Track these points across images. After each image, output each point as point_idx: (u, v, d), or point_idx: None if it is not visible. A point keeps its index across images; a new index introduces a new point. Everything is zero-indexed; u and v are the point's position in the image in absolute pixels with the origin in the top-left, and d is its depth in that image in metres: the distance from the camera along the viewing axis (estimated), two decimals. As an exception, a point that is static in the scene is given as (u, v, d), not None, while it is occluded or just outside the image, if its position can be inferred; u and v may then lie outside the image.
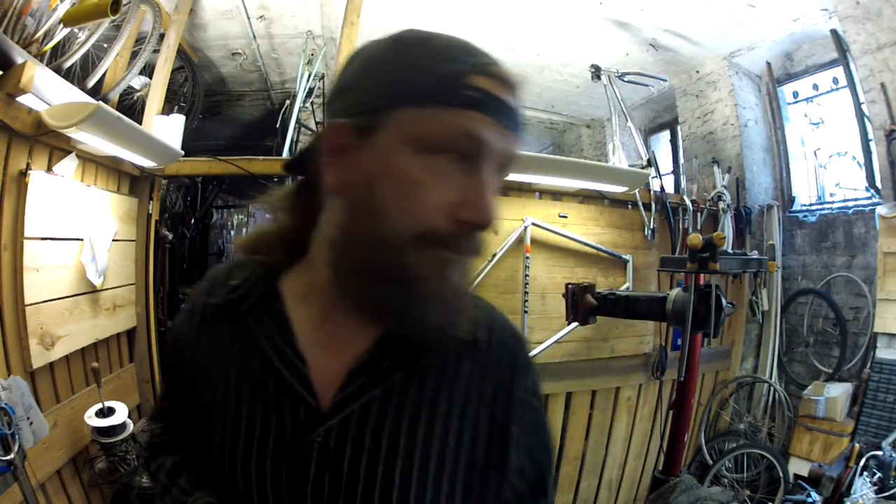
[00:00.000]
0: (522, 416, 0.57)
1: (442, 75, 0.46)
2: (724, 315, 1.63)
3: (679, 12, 3.28)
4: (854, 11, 2.93)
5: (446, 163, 0.47)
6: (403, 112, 0.47)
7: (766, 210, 3.63)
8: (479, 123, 0.46)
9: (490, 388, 0.56)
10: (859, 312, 3.15)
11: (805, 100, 3.73)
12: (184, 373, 0.60)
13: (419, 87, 0.47)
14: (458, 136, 0.46)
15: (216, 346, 0.56)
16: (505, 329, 0.62)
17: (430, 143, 0.46)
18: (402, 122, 0.47)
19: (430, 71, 0.47)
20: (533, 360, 0.66)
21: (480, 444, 0.54)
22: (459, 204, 0.47)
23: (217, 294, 0.57)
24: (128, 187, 2.45)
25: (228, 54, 3.86)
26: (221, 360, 0.55)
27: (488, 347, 0.57)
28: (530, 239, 2.65)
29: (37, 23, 1.84)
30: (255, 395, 0.52)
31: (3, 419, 1.41)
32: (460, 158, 0.47)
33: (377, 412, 0.51)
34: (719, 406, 3.44)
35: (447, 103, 0.46)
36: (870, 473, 2.37)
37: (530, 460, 0.57)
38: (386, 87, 0.48)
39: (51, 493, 1.74)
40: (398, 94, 0.47)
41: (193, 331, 0.58)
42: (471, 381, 0.55)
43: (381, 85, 0.48)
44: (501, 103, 0.48)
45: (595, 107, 4.92)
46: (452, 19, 3.47)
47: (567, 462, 2.90)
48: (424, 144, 0.46)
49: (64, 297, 1.86)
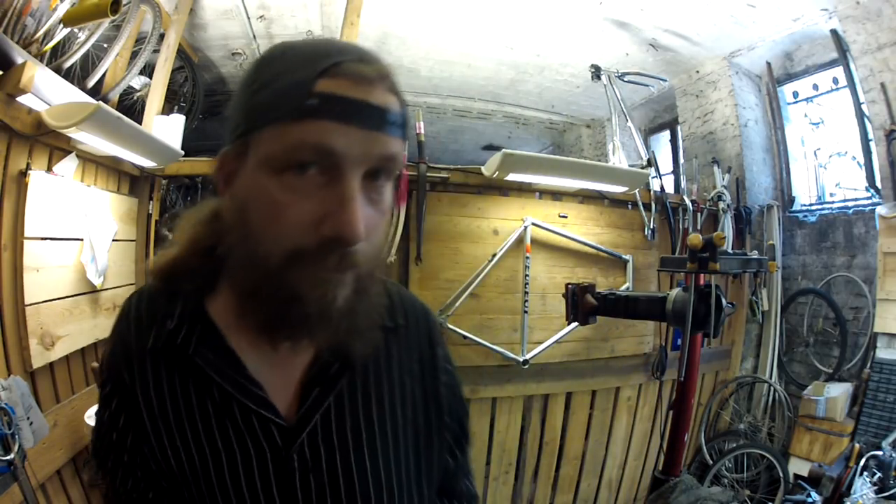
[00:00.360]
0: (443, 381, 0.66)
1: (285, 88, 0.45)
2: (724, 315, 1.63)
3: (679, 12, 3.28)
4: (854, 11, 2.93)
5: (309, 178, 0.45)
6: (260, 133, 0.46)
7: (766, 210, 3.63)
8: (325, 131, 0.44)
9: (416, 365, 0.64)
10: (859, 312, 3.15)
11: (805, 100, 3.73)
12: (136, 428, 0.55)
13: (268, 104, 0.46)
14: (302, 150, 0.44)
15: (168, 394, 0.54)
16: (416, 309, 0.67)
17: (282, 162, 0.45)
18: (259, 144, 0.46)
19: (279, 82, 0.46)
20: (440, 330, 0.72)
21: (420, 413, 0.62)
22: (321, 219, 0.45)
23: (149, 335, 0.55)
24: (128, 187, 2.45)
25: (228, 54, 3.86)
26: (178, 406, 0.54)
27: (406, 330, 0.64)
28: (530, 239, 2.65)
29: (37, 23, 1.84)
30: (223, 430, 0.53)
31: (3, 419, 1.41)
32: (321, 172, 0.45)
33: (336, 414, 0.57)
34: (719, 406, 3.44)
35: (290, 117, 0.44)
36: (870, 473, 2.37)
37: (451, 415, 0.66)
38: (247, 109, 0.48)
39: (51, 493, 1.74)
40: (255, 115, 0.47)
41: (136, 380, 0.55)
42: (400, 362, 0.62)
43: (244, 108, 0.48)
44: (351, 103, 0.44)
45: (595, 107, 4.92)
46: (452, 19, 3.47)
47: (567, 462, 2.90)
48: (277, 164, 0.45)
49: (64, 297, 1.86)
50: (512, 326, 2.62)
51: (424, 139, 2.56)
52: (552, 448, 2.84)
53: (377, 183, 0.48)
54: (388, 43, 3.83)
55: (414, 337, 0.65)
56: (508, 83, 4.55)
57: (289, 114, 0.44)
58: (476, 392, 2.57)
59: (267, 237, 0.47)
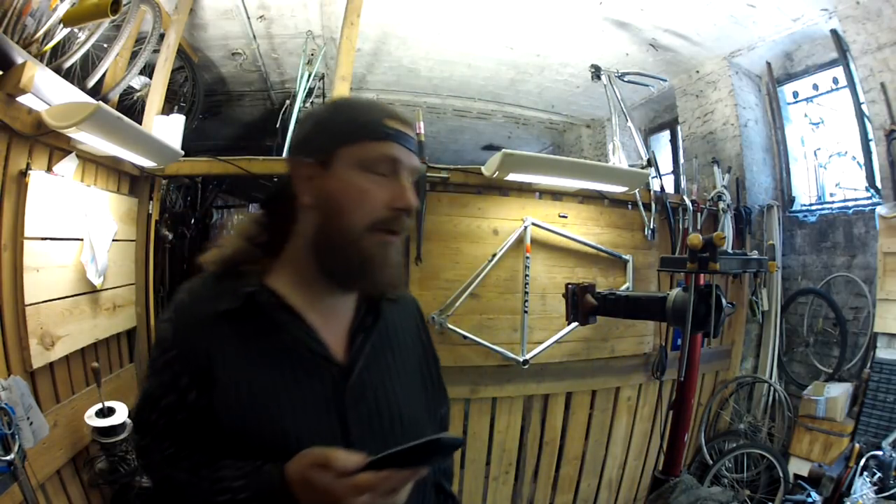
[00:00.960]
0: (429, 343, 0.91)
1: (368, 121, 0.72)
2: (724, 315, 1.63)
3: (679, 12, 3.28)
4: (854, 11, 2.93)
5: (379, 176, 0.71)
6: (348, 148, 0.71)
7: (766, 210, 3.63)
8: (394, 149, 0.72)
9: (413, 326, 0.88)
10: (859, 312, 3.15)
11: (805, 100, 3.73)
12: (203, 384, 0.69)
13: (355, 131, 0.72)
14: (383, 158, 0.71)
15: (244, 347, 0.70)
16: (407, 296, 0.93)
17: (368, 164, 0.71)
18: (349, 154, 0.71)
19: (360, 120, 0.72)
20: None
21: (422, 360, 0.87)
22: (392, 199, 0.71)
23: (221, 303, 0.71)
24: (128, 187, 2.45)
25: (228, 54, 3.86)
26: (253, 356, 0.70)
27: (403, 302, 0.88)
28: (530, 239, 2.65)
29: (37, 23, 1.84)
30: (295, 370, 0.70)
31: (3, 419, 1.41)
32: (388, 173, 0.72)
33: (373, 357, 0.76)
34: (719, 406, 3.44)
35: (374, 138, 0.71)
36: (870, 473, 2.37)
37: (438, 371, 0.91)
38: (334, 135, 0.72)
39: (51, 493, 1.74)
40: (342, 138, 0.72)
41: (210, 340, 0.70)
42: (403, 325, 0.85)
43: (331, 134, 0.73)
44: (405, 135, 0.73)
45: (595, 107, 4.92)
46: (452, 19, 3.47)
47: (567, 462, 2.90)
48: (365, 165, 0.71)
49: (64, 297, 1.86)
50: (512, 326, 2.62)
51: (424, 139, 2.55)
52: (552, 448, 2.84)
53: (412, 183, 0.75)
54: (388, 43, 3.84)
55: (407, 309, 0.89)
56: (508, 83, 4.55)
57: (374, 136, 0.71)
58: (476, 392, 2.57)
59: (355, 213, 0.70)
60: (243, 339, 0.70)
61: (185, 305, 0.73)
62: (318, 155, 0.72)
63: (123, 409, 1.93)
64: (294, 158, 0.74)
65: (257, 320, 0.70)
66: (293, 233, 0.76)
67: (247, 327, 0.70)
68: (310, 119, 0.78)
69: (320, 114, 0.77)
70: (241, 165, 2.58)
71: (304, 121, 0.79)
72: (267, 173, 2.61)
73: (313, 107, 0.79)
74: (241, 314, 0.70)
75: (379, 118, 0.72)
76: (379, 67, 4.27)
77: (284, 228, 0.76)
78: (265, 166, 2.62)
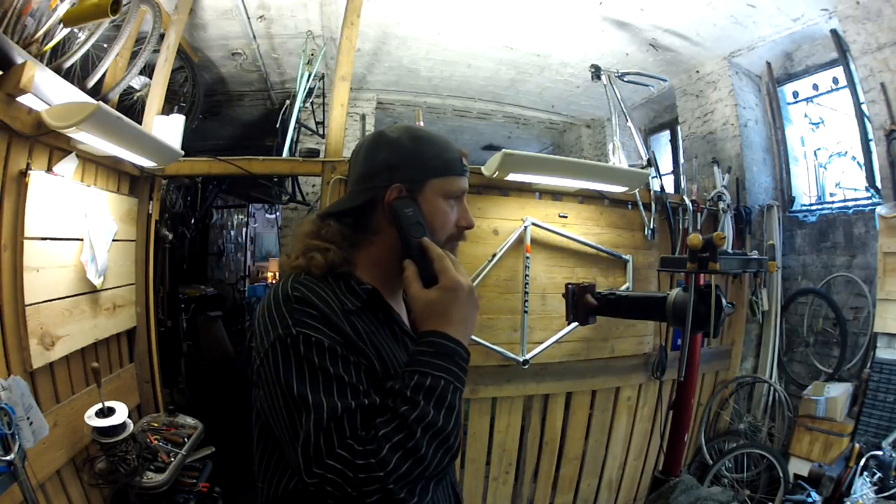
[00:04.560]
0: None
1: (452, 159, 0.88)
2: (724, 315, 1.62)
3: (679, 12, 3.28)
4: (854, 11, 2.93)
5: (453, 201, 0.88)
6: (438, 180, 0.86)
7: (766, 210, 3.63)
8: (465, 182, 0.90)
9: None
10: (859, 312, 3.15)
11: (805, 100, 3.73)
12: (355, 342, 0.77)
13: (444, 166, 0.87)
14: (461, 190, 0.89)
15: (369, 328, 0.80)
16: None
17: (451, 194, 0.87)
18: (438, 185, 0.86)
19: (446, 157, 0.87)
20: None
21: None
22: (459, 219, 0.90)
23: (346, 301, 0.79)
24: (128, 187, 2.45)
25: (228, 54, 3.86)
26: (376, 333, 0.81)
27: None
28: (530, 239, 2.65)
29: (37, 23, 1.84)
30: (401, 345, 0.85)
31: (3, 419, 1.41)
32: (458, 198, 0.89)
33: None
34: (719, 406, 3.44)
35: (457, 174, 0.88)
36: (870, 473, 2.37)
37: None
38: (426, 168, 0.86)
39: (51, 493, 1.74)
40: (433, 172, 0.86)
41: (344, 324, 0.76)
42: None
43: (422, 167, 0.86)
44: (467, 169, 0.91)
45: (595, 107, 4.92)
46: (452, 19, 3.47)
47: (567, 462, 2.90)
48: (448, 195, 0.87)
49: (64, 297, 1.86)
50: (512, 326, 2.62)
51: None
52: (552, 448, 2.84)
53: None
54: (388, 43, 3.84)
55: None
56: (508, 83, 4.55)
57: (457, 172, 0.88)
58: (476, 392, 2.57)
59: (439, 232, 0.86)
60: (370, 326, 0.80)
61: (319, 305, 0.75)
62: (409, 183, 0.84)
63: (123, 410, 1.93)
64: (383, 182, 0.84)
65: (374, 311, 0.83)
66: (369, 241, 0.87)
67: (365, 317, 0.80)
68: (391, 146, 0.87)
69: (405, 144, 0.86)
70: (241, 165, 2.58)
71: (381, 146, 0.88)
72: (267, 173, 2.61)
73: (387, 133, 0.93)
74: (367, 306, 0.81)
75: (458, 157, 0.88)
76: (379, 67, 4.27)
77: (363, 236, 0.88)
78: (265, 166, 2.62)
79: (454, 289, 0.77)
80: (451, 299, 0.76)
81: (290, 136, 3.45)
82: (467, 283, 0.79)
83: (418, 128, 0.91)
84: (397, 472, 0.63)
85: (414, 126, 0.92)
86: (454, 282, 0.77)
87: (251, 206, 8.92)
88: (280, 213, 6.94)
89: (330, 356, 0.70)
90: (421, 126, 0.92)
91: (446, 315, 0.76)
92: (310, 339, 0.70)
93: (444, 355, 0.73)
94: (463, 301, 0.77)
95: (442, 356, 0.73)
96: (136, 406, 2.43)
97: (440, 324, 0.75)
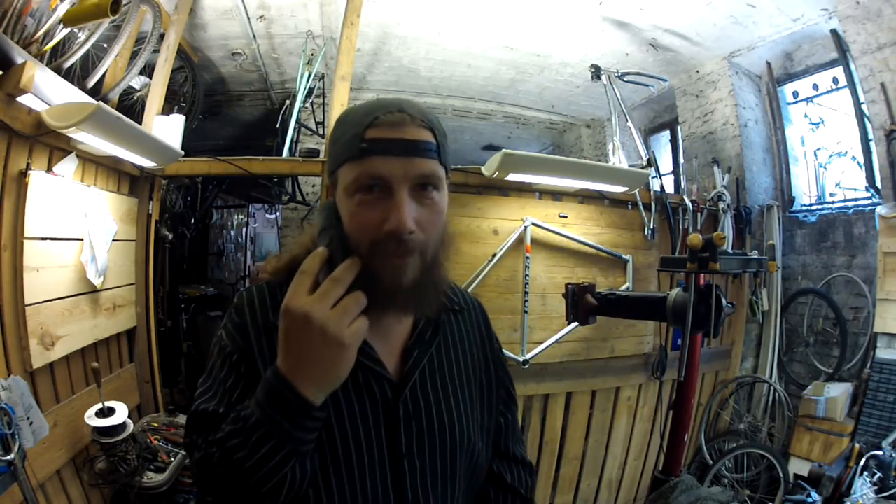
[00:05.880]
0: (496, 353, 0.89)
1: (348, 140, 0.66)
2: (724, 315, 1.63)
3: (679, 12, 3.28)
4: (854, 11, 2.93)
5: (375, 195, 0.65)
6: (340, 170, 0.68)
7: (766, 210, 3.63)
8: (374, 164, 0.64)
9: (477, 337, 0.86)
10: (859, 312, 3.15)
11: (805, 100, 3.73)
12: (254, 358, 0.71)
13: (341, 151, 0.68)
14: (362, 179, 0.65)
15: None
16: (471, 298, 0.93)
17: (353, 188, 0.66)
18: (341, 178, 0.68)
19: (343, 138, 0.68)
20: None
21: (482, 375, 0.84)
22: (382, 221, 0.64)
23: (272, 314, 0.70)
24: (128, 187, 2.45)
25: (228, 54, 3.86)
26: None
27: (467, 312, 0.87)
28: (530, 239, 2.65)
29: (37, 23, 1.84)
30: (344, 385, 0.64)
31: (3, 419, 1.41)
32: (381, 190, 0.65)
33: (429, 372, 0.76)
34: (719, 406, 3.44)
35: (352, 158, 0.65)
36: (870, 473, 2.37)
37: (499, 382, 0.87)
38: (333, 155, 0.70)
39: (51, 493, 1.74)
40: (336, 160, 0.69)
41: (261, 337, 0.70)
42: (467, 335, 0.84)
43: (331, 154, 0.71)
44: (390, 142, 0.65)
45: (595, 107, 4.92)
46: (452, 19, 3.47)
47: (567, 462, 2.90)
48: (350, 190, 0.66)
49: (64, 297, 1.86)
50: (512, 326, 2.62)
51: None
52: (552, 448, 2.84)
53: (425, 192, 0.67)
54: (388, 43, 3.84)
55: (473, 318, 0.88)
56: (508, 83, 4.55)
57: (352, 156, 0.66)
58: (476, 392, 2.57)
59: (355, 238, 0.66)
60: None
61: (246, 313, 0.71)
62: (331, 176, 0.72)
63: (123, 410, 1.93)
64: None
65: None
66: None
67: None
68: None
69: (335, 126, 0.72)
70: (241, 165, 2.58)
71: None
72: (267, 173, 2.61)
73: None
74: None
75: (357, 131, 0.65)
76: (379, 67, 4.27)
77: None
78: (265, 166, 2.62)
79: (283, 314, 0.60)
80: (281, 327, 0.60)
81: (290, 136, 3.45)
82: (304, 310, 0.58)
83: (351, 106, 0.73)
84: (204, 483, 0.65)
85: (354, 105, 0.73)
86: (283, 306, 0.60)
87: (251, 206, 8.92)
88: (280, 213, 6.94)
89: (222, 362, 0.70)
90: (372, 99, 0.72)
91: (281, 346, 0.60)
92: (221, 342, 0.71)
93: (270, 394, 0.59)
94: (295, 334, 0.59)
95: (268, 395, 0.59)
96: (136, 406, 2.43)
97: (279, 356, 0.60)
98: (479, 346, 0.85)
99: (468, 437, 0.76)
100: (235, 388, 0.68)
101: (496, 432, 0.84)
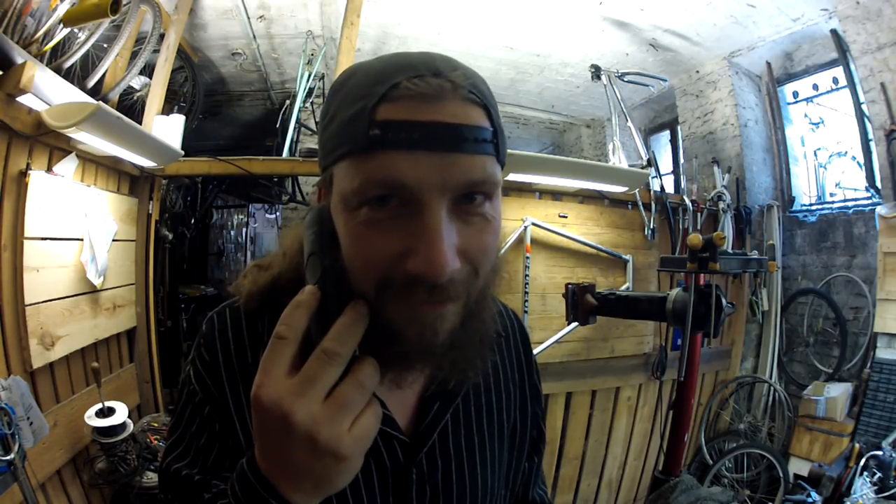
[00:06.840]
0: (535, 382, 0.71)
1: (349, 119, 0.41)
2: (724, 315, 1.63)
3: (679, 12, 3.28)
4: (854, 11, 2.93)
5: (391, 210, 0.41)
6: (336, 167, 0.43)
7: (766, 210, 3.63)
8: (392, 163, 0.39)
9: (517, 373, 0.68)
10: (859, 312, 3.15)
11: (805, 100, 3.73)
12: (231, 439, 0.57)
13: (336, 139, 0.42)
14: (371, 186, 0.40)
15: None
16: (511, 316, 0.71)
17: (356, 199, 0.41)
18: (336, 179, 0.43)
19: (341, 116, 0.42)
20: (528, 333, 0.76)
21: (517, 410, 0.66)
22: (405, 253, 0.40)
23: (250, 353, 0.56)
24: (128, 187, 2.45)
25: (228, 54, 3.86)
26: None
27: (508, 341, 0.68)
28: (530, 239, 2.65)
29: (37, 23, 1.84)
30: None
31: (3, 419, 1.41)
32: (401, 203, 0.40)
33: (453, 428, 0.58)
34: (719, 406, 3.44)
35: (356, 151, 0.40)
36: (870, 473, 2.37)
37: (533, 418, 0.70)
38: (323, 143, 0.45)
39: (51, 493, 1.74)
40: (328, 150, 0.44)
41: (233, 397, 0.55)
42: (504, 371, 0.66)
43: (321, 141, 0.45)
44: (416, 126, 0.39)
45: (595, 107, 4.92)
46: (452, 19, 3.47)
47: (567, 462, 2.90)
48: (353, 202, 0.41)
49: (64, 297, 1.86)
50: (512, 326, 2.61)
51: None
52: (552, 448, 2.84)
53: (473, 206, 0.43)
54: (388, 43, 3.83)
55: (513, 344, 0.69)
56: (508, 83, 4.55)
57: (355, 147, 0.40)
58: (476, 392, 2.57)
59: (355, 272, 0.43)
60: None
61: (216, 346, 0.55)
62: (322, 171, 0.47)
63: (123, 410, 1.93)
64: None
65: None
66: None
67: None
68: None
69: (327, 102, 0.48)
70: (241, 165, 2.58)
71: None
72: (267, 173, 2.61)
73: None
74: None
75: (365, 106, 0.40)
76: (379, 67, 4.26)
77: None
78: (265, 166, 2.62)
79: (253, 405, 0.40)
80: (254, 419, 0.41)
81: (290, 136, 3.45)
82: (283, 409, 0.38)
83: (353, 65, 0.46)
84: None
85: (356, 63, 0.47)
86: (253, 395, 0.40)
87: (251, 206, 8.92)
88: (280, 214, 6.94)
89: (192, 412, 0.55)
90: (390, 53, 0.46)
91: (257, 441, 0.42)
92: (190, 385, 0.56)
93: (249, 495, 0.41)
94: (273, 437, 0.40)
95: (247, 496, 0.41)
96: (136, 406, 2.42)
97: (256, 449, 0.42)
98: (516, 381, 0.67)
99: (490, 494, 0.61)
100: (210, 449, 0.54)
101: (520, 476, 0.71)
